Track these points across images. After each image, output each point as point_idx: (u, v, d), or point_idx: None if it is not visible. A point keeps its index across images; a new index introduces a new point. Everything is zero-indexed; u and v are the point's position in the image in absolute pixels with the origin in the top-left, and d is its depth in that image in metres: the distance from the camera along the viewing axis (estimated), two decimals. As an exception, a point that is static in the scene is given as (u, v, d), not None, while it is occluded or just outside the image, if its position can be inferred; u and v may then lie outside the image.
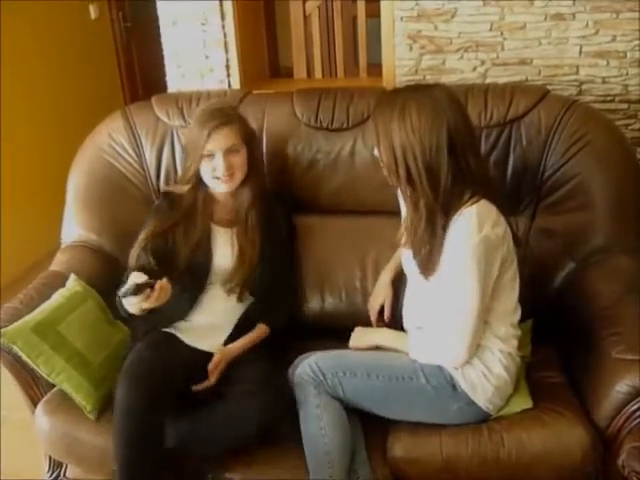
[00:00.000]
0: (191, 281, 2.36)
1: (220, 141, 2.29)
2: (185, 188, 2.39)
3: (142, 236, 2.36)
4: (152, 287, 2.09)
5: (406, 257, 2.17)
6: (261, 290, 2.39)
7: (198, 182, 2.38)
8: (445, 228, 1.96)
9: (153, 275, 2.16)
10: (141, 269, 2.26)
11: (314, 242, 2.64)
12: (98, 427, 2.23)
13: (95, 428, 2.24)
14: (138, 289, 2.07)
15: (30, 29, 4.27)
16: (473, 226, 1.92)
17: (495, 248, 1.95)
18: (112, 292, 2.41)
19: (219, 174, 2.31)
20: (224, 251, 2.39)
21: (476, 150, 2.07)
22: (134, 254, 2.34)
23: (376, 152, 2.06)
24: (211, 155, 2.30)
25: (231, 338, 2.34)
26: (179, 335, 2.34)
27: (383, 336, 2.21)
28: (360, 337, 2.24)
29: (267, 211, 2.44)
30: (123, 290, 2.08)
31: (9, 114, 4.10)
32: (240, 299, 2.39)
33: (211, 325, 2.36)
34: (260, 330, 2.37)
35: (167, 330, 2.35)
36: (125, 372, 2.12)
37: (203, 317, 2.38)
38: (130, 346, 2.31)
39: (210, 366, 2.22)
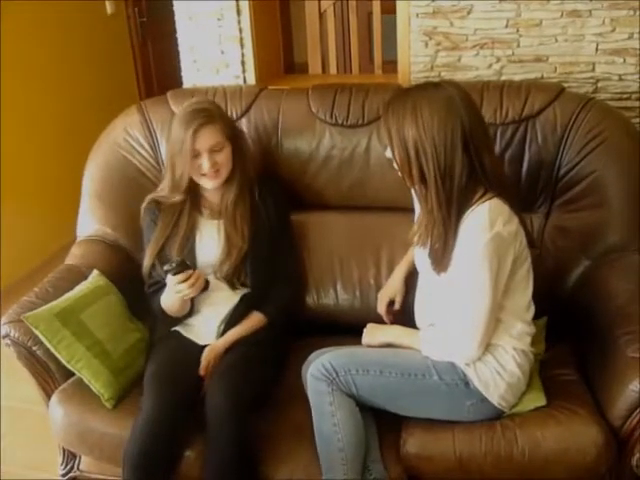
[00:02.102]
0: None
1: (204, 141, 2.32)
2: (178, 197, 2.41)
3: (149, 251, 2.41)
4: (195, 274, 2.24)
5: (418, 254, 2.17)
6: (254, 279, 2.40)
7: (189, 180, 2.40)
8: (457, 225, 1.96)
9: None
10: (156, 284, 2.40)
11: (328, 238, 2.64)
12: (112, 416, 2.25)
13: (109, 417, 2.25)
14: (182, 266, 2.19)
15: (46, 25, 4.29)
16: (485, 223, 1.91)
17: (507, 245, 1.94)
18: (127, 286, 2.47)
19: (205, 171, 2.34)
20: (210, 242, 2.41)
21: (490, 147, 2.06)
22: (146, 269, 2.41)
23: (388, 153, 2.05)
24: (197, 154, 2.32)
25: (227, 329, 2.37)
26: (185, 334, 2.40)
27: (396, 333, 2.20)
28: (373, 334, 2.23)
29: (257, 203, 2.45)
30: (168, 266, 2.19)
31: (24, 110, 4.13)
32: (234, 287, 2.40)
33: (212, 317, 2.39)
34: (255, 319, 2.40)
35: (176, 329, 2.41)
36: (152, 383, 2.20)
37: (204, 310, 2.41)
38: (149, 347, 2.40)
39: (200, 371, 2.26)
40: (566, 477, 2.02)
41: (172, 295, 2.28)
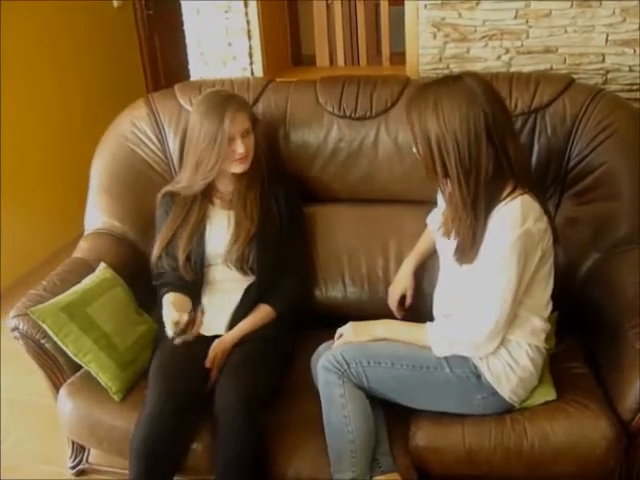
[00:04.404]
0: (190, 266, 2.40)
1: (239, 124, 2.34)
2: (199, 188, 2.42)
3: (158, 243, 2.43)
4: (193, 321, 2.18)
5: (442, 245, 2.16)
6: (261, 265, 2.40)
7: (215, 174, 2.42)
8: (486, 220, 1.94)
9: (176, 279, 2.36)
10: (161, 276, 2.41)
11: (336, 231, 2.64)
12: (120, 408, 2.26)
13: (117, 409, 2.26)
14: (184, 330, 2.14)
15: (53, 18, 4.29)
16: (517, 219, 1.90)
17: (536, 243, 1.93)
18: (135, 278, 2.48)
19: (238, 156, 2.35)
20: (220, 231, 2.43)
21: (515, 136, 2.03)
22: (154, 261, 2.43)
23: (415, 150, 2.04)
24: (232, 139, 2.33)
25: (235, 321, 2.38)
26: None
27: (387, 327, 2.15)
28: (359, 333, 2.14)
29: (268, 194, 2.47)
30: (172, 334, 2.13)
31: (30, 103, 4.12)
32: (244, 273, 2.41)
33: (219, 309, 2.40)
34: (263, 312, 2.40)
35: None
36: (155, 377, 2.20)
37: (210, 302, 2.41)
38: (156, 338, 2.39)
39: (207, 363, 2.26)
40: (575, 470, 2.02)
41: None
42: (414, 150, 2.03)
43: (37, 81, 4.16)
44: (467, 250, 1.98)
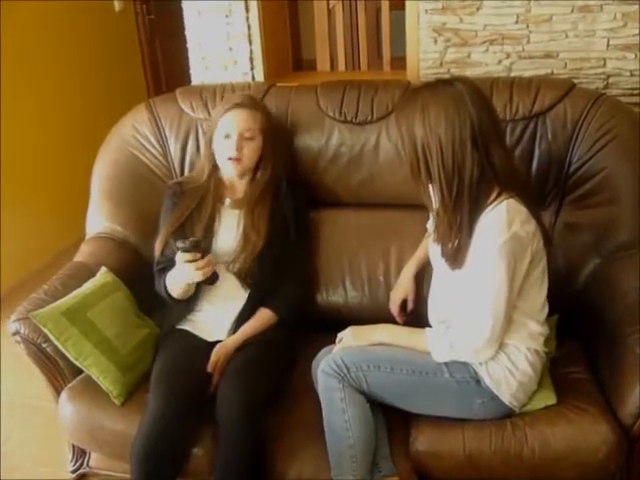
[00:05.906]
0: None
1: (237, 121, 2.37)
2: (200, 180, 2.45)
3: (165, 229, 2.41)
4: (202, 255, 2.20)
5: (433, 250, 2.16)
6: (263, 276, 2.39)
7: (212, 166, 2.46)
8: (472, 224, 1.94)
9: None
10: (165, 261, 2.38)
11: (337, 235, 2.64)
12: (121, 412, 2.25)
13: (118, 413, 2.26)
14: (195, 246, 2.17)
15: (55, 22, 4.30)
16: (503, 223, 1.89)
17: (525, 246, 1.93)
18: (136, 283, 2.47)
19: (230, 154, 2.37)
20: (228, 232, 2.42)
21: (501, 143, 2.02)
22: (159, 246, 2.40)
23: (403, 153, 2.04)
24: (227, 136, 2.37)
25: (237, 325, 2.38)
26: (193, 331, 2.39)
27: (387, 332, 2.14)
28: (360, 335, 2.15)
29: (278, 202, 2.46)
30: (181, 243, 2.17)
31: (31, 108, 4.13)
32: (244, 282, 2.40)
33: (221, 314, 2.40)
34: (265, 316, 2.39)
35: (182, 327, 2.40)
36: (158, 380, 2.20)
37: (212, 306, 2.41)
38: (157, 342, 2.40)
39: (209, 367, 2.26)
40: (576, 475, 2.02)
41: (178, 275, 2.26)
42: (402, 154, 2.03)
43: (38, 84, 4.17)
44: (453, 255, 1.99)
